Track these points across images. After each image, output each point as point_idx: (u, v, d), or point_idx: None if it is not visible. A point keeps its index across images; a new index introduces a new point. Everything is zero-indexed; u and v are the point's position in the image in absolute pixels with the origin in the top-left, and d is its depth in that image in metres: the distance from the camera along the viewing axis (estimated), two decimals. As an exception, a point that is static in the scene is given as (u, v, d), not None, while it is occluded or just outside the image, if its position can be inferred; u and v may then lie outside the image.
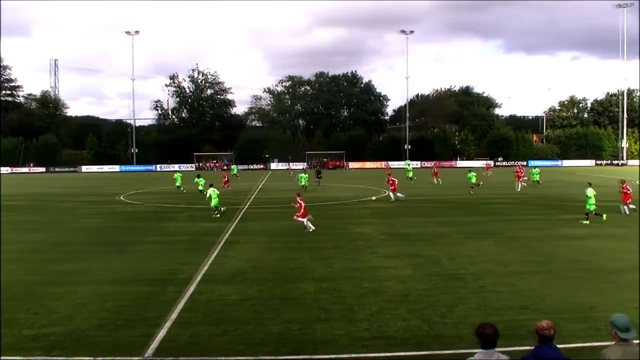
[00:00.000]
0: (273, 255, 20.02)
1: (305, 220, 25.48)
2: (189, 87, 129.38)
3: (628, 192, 29.54)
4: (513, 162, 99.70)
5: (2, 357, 10.72)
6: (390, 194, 38.59)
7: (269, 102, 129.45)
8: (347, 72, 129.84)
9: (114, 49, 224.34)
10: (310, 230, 25.05)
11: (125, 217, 32.53)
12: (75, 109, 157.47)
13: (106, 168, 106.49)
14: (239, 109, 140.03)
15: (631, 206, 29.41)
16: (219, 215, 31.15)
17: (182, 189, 48.94)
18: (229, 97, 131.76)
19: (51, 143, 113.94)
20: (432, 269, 17.32)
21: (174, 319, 12.67)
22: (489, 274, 16.53)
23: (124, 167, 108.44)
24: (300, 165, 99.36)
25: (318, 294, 14.63)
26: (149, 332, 11.76)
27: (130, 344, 11.21)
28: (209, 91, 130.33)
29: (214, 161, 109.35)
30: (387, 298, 14.14)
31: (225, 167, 65.63)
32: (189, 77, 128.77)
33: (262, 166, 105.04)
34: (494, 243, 21.85)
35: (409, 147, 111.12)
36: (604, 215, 26.91)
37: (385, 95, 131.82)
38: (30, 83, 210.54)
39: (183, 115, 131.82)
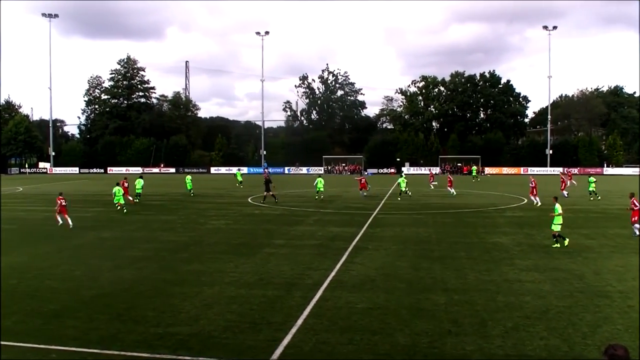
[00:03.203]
0: (403, 263, 19.53)
1: (60, 218, 28.87)
2: (319, 88, 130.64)
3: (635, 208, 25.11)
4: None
5: (121, 352, 11.01)
6: (361, 191, 45.93)
7: (402, 104, 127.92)
8: (485, 72, 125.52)
9: (244, 50, 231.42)
10: (70, 226, 28.25)
11: (253, 219, 33.09)
12: (205, 110, 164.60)
13: (234, 169, 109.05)
14: (370, 111, 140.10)
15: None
16: (125, 211, 35.12)
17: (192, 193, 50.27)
18: (360, 98, 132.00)
19: (181, 144, 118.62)
20: (574, 285, 16.17)
21: (299, 324, 12.59)
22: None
23: (252, 169, 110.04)
24: (435, 170, 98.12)
25: (449, 306, 14.07)
26: (274, 337, 11.76)
27: (255, 348, 11.25)
28: (340, 92, 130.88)
29: (343, 164, 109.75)
30: (524, 314, 13.35)
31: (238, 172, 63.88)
32: (319, 77, 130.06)
33: (393, 170, 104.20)
34: (645, 259, 20.06)
35: (551, 152, 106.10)
36: (567, 240, 22.71)
37: (526, 96, 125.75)
38: (163, 85, 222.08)
39: (312, 116, 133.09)
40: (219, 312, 13.62)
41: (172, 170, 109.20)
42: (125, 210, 35.63)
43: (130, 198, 40.87)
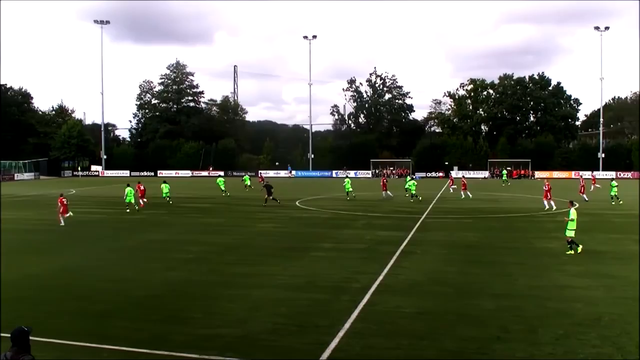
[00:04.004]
0: (451, 268, 19.35)
1: (61, 217, 31.17)
2: (366, 92, 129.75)
3: None
4: None
5: (170, 353, 11.17)
6: (383, 193, 48.43)
7: (450, 107, 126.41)
8: (534, 74, 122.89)
9: (292, 54, 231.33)
10: (61, 223, 30.84)
11: (301, 222, 33.26)
12: (253, 113, 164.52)
13: (282, 173, 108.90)
14: (418, 114, 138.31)
15: None
16: (128, 211, 37.16)
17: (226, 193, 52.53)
18: (408, 101, 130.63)
19: (230, 148, 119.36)
20: (627, 292, 15.74)
21: (347, 328, 12.56)
22: (698, 302, 14.62)
23: (300, 173, 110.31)
24: (483, 174, 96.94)
25: (498, 312, 13.87)
26: (322, 341, 11.75)
27: (302, 351, 11.29)
28: (387, 95, 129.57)
29: (391, 168, 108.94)
30: (575, 321, 13.07)
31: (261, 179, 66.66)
32: (367, 81, 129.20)
33: (441, 174, 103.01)
34: (703, 265, 19.37)
35: (603, 155, 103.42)
36: (580, 247, 21.71)
37: (577, 98, 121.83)
38: (212, 89, 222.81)
39: (360, 120, 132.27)
40: (267, 314, 13.70)
41: (221, 173, 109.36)
42: (128, 210, 37.23)
43: (143, 201, 41.10)
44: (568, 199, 27.07)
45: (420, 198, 45.61)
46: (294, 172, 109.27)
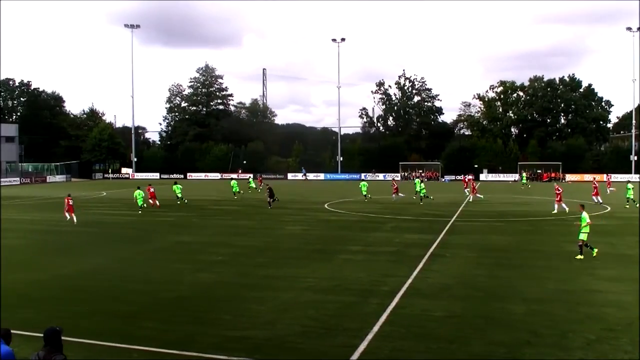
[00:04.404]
0: (480, 271, 19.25)
1: (68, 215, 32.91)
2: (395, 94, 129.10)
3: None
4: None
5: (198, 354, 11.28)
6: (393, 195, 48.73)
7: (479, 109, 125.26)
8: (564, 76, 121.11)
9: (320, 56, 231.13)
10: (74, 222, 32.24)
11: (330, 225, 33.22)
12: (282, 116, 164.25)
13: (311, 176, 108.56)
14: (448, 117, 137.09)
15: None
16: (140, 212, 38.49)
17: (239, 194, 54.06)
18: (437, 104, 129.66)
19: (259, 150, 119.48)
20: (659, 297, 15.49)
21: (375, 331, 12.58)
22: None
23: (329, 175, 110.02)
24: (513, 177, 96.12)
25: (527, 316, 13.78)
26: (350, 343, 11.77)
27: (330, 354, 11.34)
28: (416, 98, 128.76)
29: (420, 171, 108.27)
30: (606, 326, 12.92)
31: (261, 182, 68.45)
32: (395, 83, 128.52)
33: (471, 177, 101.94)
34: None
35: (636, 158, 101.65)
36: (596, 250, 21.33)
37: (609, 100, 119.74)
38: (241, 92, 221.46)
39: (389, 123, 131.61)
40: (295, 317, 13.79)
41: (250, 176, 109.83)
42: (140, 212, 38.42)
43: (157, 203, 42.89)
44: (584, 201, 26.73)
45: (421, 201, 46.09)
46: (309, 175, 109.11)
